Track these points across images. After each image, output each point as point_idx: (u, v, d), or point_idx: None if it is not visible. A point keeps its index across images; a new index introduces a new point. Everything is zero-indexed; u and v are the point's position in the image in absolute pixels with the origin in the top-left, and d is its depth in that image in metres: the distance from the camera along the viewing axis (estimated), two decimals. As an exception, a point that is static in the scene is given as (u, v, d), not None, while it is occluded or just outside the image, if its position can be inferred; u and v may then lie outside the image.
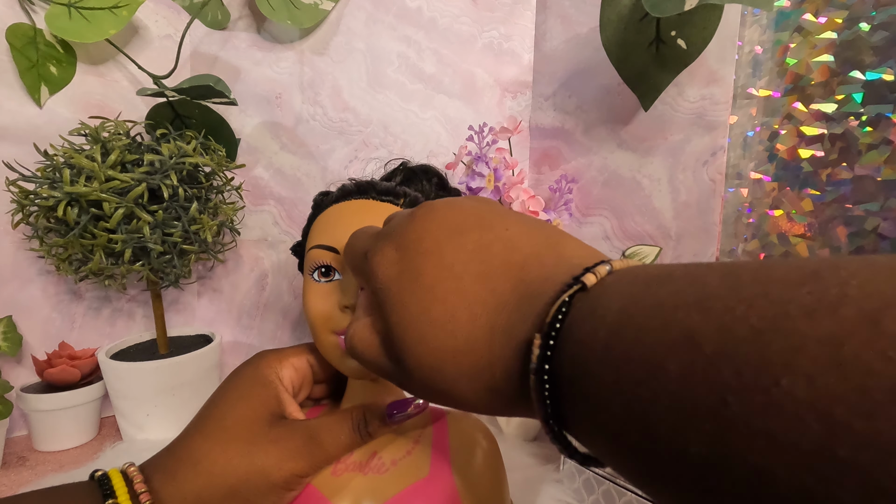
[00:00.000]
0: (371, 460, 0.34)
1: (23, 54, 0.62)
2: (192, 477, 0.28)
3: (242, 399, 0.32)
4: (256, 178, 0.78)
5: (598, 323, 0.16)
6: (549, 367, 0.17)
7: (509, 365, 0.19)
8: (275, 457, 0.29)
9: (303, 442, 0.30)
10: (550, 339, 0.17)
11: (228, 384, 0.33)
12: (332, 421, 0.32)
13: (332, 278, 0.36)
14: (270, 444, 0.30)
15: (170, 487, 0.28)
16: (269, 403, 0.32)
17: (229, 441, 0.30)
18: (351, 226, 0.36)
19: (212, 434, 0.30)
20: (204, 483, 0.28)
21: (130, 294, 0.73)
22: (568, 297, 0.17)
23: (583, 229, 0.75)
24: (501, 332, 0.19)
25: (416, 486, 0.33)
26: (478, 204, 0.25)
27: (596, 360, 0.16)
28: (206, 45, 0.74)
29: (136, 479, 0.28)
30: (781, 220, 0.58)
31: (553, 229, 0.23)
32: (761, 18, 0.59)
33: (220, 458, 0.29)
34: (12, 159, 0.59)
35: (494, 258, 0.21)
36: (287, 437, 0.30)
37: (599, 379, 0.15)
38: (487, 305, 0.20)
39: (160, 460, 0.30)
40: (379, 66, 0.78)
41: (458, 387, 0.21)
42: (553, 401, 0.17)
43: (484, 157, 0.69)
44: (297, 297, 0.80)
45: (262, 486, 0.29)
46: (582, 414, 0.17)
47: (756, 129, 0.59)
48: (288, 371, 0.35)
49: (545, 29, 0.80)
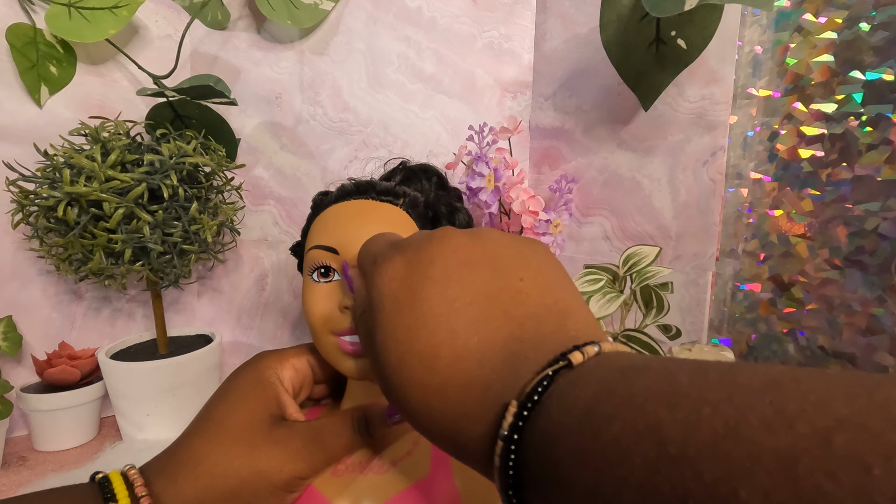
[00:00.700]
0: (371, 461, 0.34)
1: (23, 54, 0.62)
2: (192, 479, 0.28)
3: (242, 401, 0.32)
4: (256, 178, 0.78)
5: (572, 404, 0.16)
6: (519, 437, 0.17)
7: (479, 421, 0.19)
8: (276, 459, 0.29)
9: (304, 443, 0.30)
10: (526, 409, 0.17)
11: (229, 386, 0.33)
12: (332, 422, 0.32)
13: (331, 279, 0.36)
14: (271, 446, 0.30)
15: (171, 490, 0.28)
16: (269, 405, 0.32)
17: (230, 443, 0.29)
18: (350, 226, 0.36)
19: (212, 436, 0.30)
20: (205, 485, 0.28)
21: (130, 294, 0.73)
22: (552, 371, 0.17)
23: (583, 229, 0.75)
24: (480, 386, 0.19)
25: (416, 486, 0.33)
26: (499, 243, 0.24)
27: (565, 440, 0.16)
28: (206, 45, 0.74)
29: (137, 483, 0.28)
30: (781, 220, 0.58)
31: (567, 291, 0.22)
32: (761, 18, 0.59)
33: (221, 459, 0.29)
34: (12, 159, 0.59)
35: (496, 307, 0.21)
36: (288, 438, 0.30)
37: (566, 460, 0.15)
38: (473, 354, 0.20)
39: (161, 463, 0.30)
40: (379, 66, 0.78)
41: (420, 420, 0.21)
42: (516, 471, 0.17)
43: (484, 157, 0.69)
44: (297, 297, 0.80)
45: (263, 488, 0.29)
46: (543, 492, 0.16)
47: (756, 129, 0.59)
48: (288, 372, 0.35)
49: (545, 29, 0.80)
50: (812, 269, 0.55)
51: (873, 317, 0.51)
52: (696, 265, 0.63)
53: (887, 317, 0.50)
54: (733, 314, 0.62)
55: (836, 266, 0.54)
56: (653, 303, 0.57)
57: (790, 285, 0.57)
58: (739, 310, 0.61)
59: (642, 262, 0.55)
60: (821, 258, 0.55)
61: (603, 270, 0.56)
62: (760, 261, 0.59)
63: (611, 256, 0.72)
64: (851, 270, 0.52)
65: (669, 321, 0.62)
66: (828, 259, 0.54)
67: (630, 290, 0.55)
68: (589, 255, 0.75)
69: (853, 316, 0.52)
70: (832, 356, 0.54)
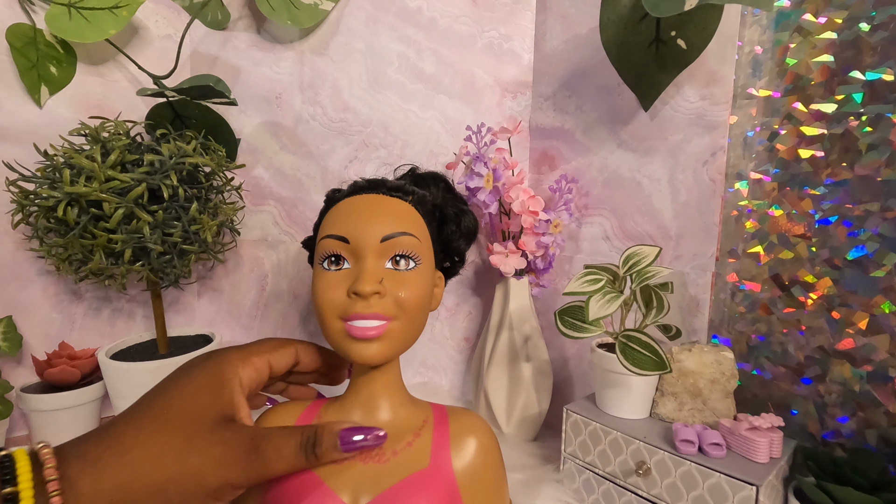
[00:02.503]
0: (372, 450, 0.34)
1: (23, 54, 0.62)
2: (116, 467, 0.25)
3: (194, 394, 0.29)
4: (256, 178, 0.78)
5: None
6: None
7: None
8: (212, 460, 0.27)
9: (244, 450, 0.28)
10: None
11: (182, 375, 0.30)
12: (279, 434, 0.30)
13: (341, 267, 0.36)
14: (212, 446, 0.27)
15: (88, 476, 0.25)
16: (222, 404, 0.29)
17: (167, 434, 0.27)
18: (361, 217, 0.37)
19: (149, 424, 0.27)
20: (128, 476, 0.25)
21: (130, 294, 0.73)
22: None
23: (583, 229, 0.75)
24: None
25: (415, 476, 0.33)
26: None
27: None
28: (206, 45, 0.74)
29: (48, 464, 0.24)
30: (781, 220, 0.58)
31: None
32: (761, 18, 0.59)
33: (153, 450, 0.26)
34: (12, 159, 0.59)
35: None
36: (230, 441, 0.28)
37: None
38: None
39: (82, 445, 0.26)
40: (379, 66, 0.78)
41: None
42: None
43: (482, 158, 0.69)
44: (297, 297, 0.80)
45: (192, 489, 0.26)
46: None
47: (756, 129, 0.59)
48: (249, 372, 0.32)
49: (545, 29, 0.80)
50: (812, 269, 0.55)
51: (873, 317, 0.51)
52: (696, 265, 0.63)
53: (887, 317, 0.50)
54: (733, 314, 0.62)
55: (836, 266, 0.54)
56: (653, 303, 0.57)
57: (790, 285, 0.57)
58: (739, 310, 0.61)
59: (642, 262, 0.55)
60: (821, 258, 0.55)
61: (603, 270, 0.56)
62: (760, 261, 0.59)
63: (611, 256, 0.72)
64: (851, 270, 0.52)
65: (669, 321, 0.62)
66: (828, 259, 0.54)
67: (630, 290, 0.55)
68: (589, 255, 0.75)
69: (853, 316, 0.52)
70: (832, 356, 0.54)
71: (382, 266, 0.36)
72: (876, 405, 0.51)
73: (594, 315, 0.51)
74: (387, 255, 0.36)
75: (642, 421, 0.58)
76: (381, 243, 0.36)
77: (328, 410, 0.38)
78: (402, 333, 0.36)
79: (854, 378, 0.52)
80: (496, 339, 0.73)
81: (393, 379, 0.38)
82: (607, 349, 0.59)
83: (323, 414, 0.38)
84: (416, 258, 0.37)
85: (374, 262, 0.35)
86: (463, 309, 0.84)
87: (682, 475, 0.50)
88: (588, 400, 0.63)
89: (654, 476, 0.52)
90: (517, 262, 0.71)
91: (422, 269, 0.37)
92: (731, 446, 0.51)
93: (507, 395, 0.74)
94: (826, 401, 0.54)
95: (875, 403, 0.51)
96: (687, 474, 0.49)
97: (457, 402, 0.82)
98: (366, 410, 0.37)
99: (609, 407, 0.59)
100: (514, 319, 0.73)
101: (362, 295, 0.34)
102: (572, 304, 0.58)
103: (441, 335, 0.84)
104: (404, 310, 0.35)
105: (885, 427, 0.50)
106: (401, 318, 0.35)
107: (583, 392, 0.76)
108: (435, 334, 0.84)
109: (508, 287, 0.73)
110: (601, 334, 0.55)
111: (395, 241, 0.36)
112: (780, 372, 0.58)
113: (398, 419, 0.37)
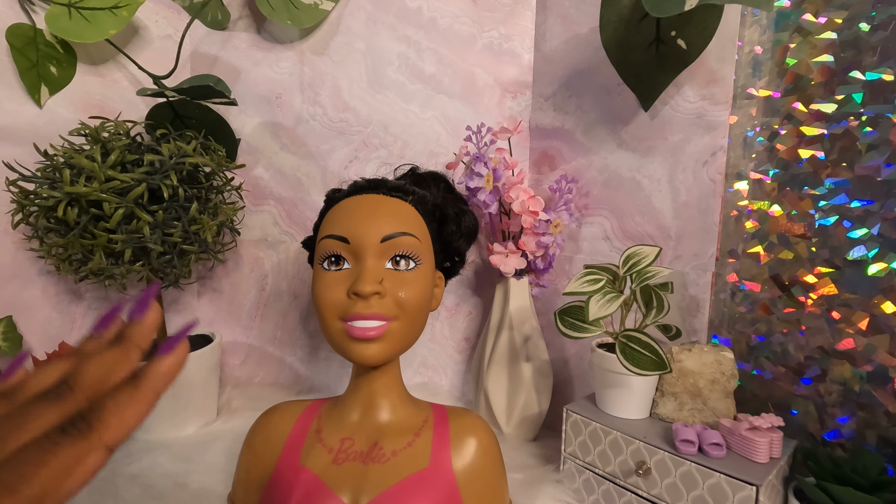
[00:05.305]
0: (372, 450, 0.34)
1: (23, 54, 0.62)
2: None
3: None
4: (256, 178, 0.78)
5: None
6: None
7: None
8: None
9: None
10: None
11: None
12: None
13: (341, 267, 0.36)
14: None
15: None
16: None
17: None
18: (361, 217, 0.37)
19: None
20: None
21: (130, 294, 0.73)
22: None
23: (583, 229, 0.75)
24: None
25: (416, 476, 0.33)
26: None
27: None
28: (206, 46, 0.74)
29: None
30: (781, 220, 0.58)
31: None
32: (761, 18, 0.59)
33: None
34: (12, 159, 0.59)
35: None
36: None
37: None
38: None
39: None
40: (379, 66, 0.78)
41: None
42: None
43: (482, 158, 0.69)
44: (297, 297, 0.80)
45: None
46: None
47: (756, 129, 0.59)
48: None
49: (545, 29, 0.80)
50: (812, 269, 0.55)
51: (873, 317, 0.51)
52: (696, 265, 0.63)
53: (887, 317, 0.50)
54: (733, 314, 0.62)
55: (836, 266, 0.54)
56: (653, 303, 0.57)
57: (790, 285, 0.57)
58: (739, 310, 0.61)
59: (642, 262, 0.55)
60: (821, 258, 0.55)
61: (603, 270, 0.56)
62: (760, 261, 0.59)
63: (611, 256, 0.72)
64: (851, 270, 0.52)
65: (669, 321, 0.62)
66: (828, 259, 0.54)
67: (630, 290, 0.55)
68: (589, 255, 0.75)
69: (853, 316, 0.52)
70: (832, 356, 0.54)
71: (382, 266, 0.36)
72: (876, 405, 0.51)
73: (594, 315, 0.51)
74: (387, 255, 0.36)
75: (642, 421, 0.58)
76: (381, 243, 0.36)
77: (328, 410, 0.38)
78: (403, 334, 0.36)
79: (854, 378, 0.52)
80: (496, 339, 0.73)
81: (393, 379, 0.38)
82: (607, 349, 0.59)
83: (323, 414, 0.38)
84: (416, 258, 0.37)
85: (375, 263, 0.36)
86: (463, 309, 0.84)
87: (682, 475, 0.50)
88: (588, 400, 0.63)
89: (654, 476, 0.52)
90: (517, 262, 0.71)
91: (422, 270, 0.37)
92: (731, 446, 0.51)
93: (507, 395, 0.74)
94: (826, 401, 0.54)
95: (875, 403, 0.51)
96: (687, 474, 0.49)
97: (457, 402, 0.82)
98: (365, 410, 0.37)
99: (609, 407, 0.59)
100: (514, 319, 0.73)
101: (362, 295, 0.34)
102: (572, 304, 0.58)
103: (441, 335, 0.84)
104: (404, 310, 0.35)
105: (885, 427, 0.50)
106: (401, 319, 0.35)
107: (583, 392, 0.76)
108: (435, 334, 0.84)
109: (508, 287, 0.73)
110: (601, 334, 0.55)
111: (395, 242, 0.36)
112: (780, 372, 0.58)
113: (398, 419, 0.37)
